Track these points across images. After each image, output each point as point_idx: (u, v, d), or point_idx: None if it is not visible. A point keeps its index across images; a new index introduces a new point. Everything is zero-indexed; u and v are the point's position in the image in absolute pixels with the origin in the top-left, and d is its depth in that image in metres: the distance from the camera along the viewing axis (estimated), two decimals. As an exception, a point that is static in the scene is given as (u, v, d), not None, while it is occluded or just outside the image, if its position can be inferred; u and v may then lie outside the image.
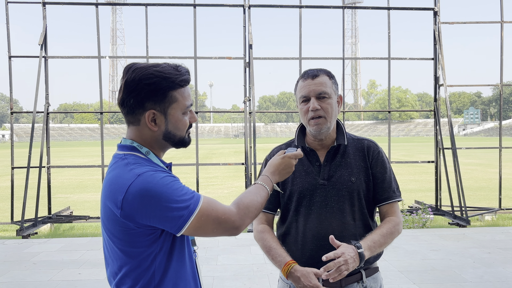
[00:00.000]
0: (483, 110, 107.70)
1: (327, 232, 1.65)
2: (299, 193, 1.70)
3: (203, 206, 1.19)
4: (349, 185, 1.67)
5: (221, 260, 5.01)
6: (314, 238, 1.67)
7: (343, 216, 1.67)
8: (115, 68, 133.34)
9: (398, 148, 37.11)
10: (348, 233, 1.66)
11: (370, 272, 1.70)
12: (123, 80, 1.24)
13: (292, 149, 1.57)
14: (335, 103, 1.69)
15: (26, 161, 7.24)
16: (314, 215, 1.68)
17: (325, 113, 1.65)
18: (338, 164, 1.71)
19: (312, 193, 1.69)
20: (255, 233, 1.77)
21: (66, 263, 4.97)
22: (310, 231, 1.67)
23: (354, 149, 1.74)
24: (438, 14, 8.32)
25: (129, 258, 1.21)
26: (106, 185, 1.22)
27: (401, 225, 1.68)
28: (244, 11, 8.10)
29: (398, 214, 1.70)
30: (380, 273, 1.78)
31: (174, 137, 1.30)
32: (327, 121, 1.66)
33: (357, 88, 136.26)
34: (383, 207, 1.71)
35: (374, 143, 1.76)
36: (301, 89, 1.69)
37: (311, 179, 1.70)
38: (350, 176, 1.68)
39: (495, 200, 9.04)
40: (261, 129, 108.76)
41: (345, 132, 1.75)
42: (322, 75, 1.68)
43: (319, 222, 1.67)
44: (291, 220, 1.73)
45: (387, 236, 1.62)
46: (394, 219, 1.67)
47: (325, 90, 1.65)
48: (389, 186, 1.71)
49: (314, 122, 1.65)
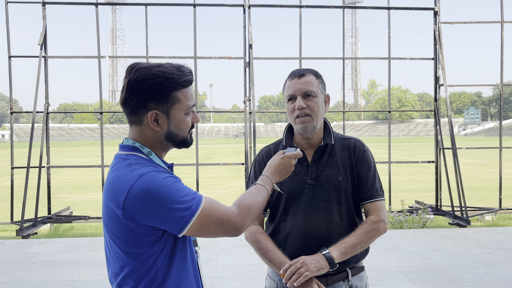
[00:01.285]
0: (483, 110, 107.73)
1: (314, 232, 1.68)
2: (288, 192, 1.72)
3: (204, 207, 1.19)
4: (336, 185, 1.69)
5: (221, 260, 5.01)
6: (301, 237, 1.69)
7: (330, 216, 1.69)
8: (115, 68, 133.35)
9: (398, 148, 37.11)
10: (335, 232, 1.68)
11: (355, 271, 1.73)
12: (126, 79, 1.24)
13: (291, 149, 1.58)
14: (321, 102, 1.71)
15: (26, 161, 7.24)
16: (302, 214, 1.70)
17: (311, 111, 1.67)
18: (325, 163, 1.73)
19: (300, 192, 1.71)
20: (248, 234, 1.77)
21: (66, 263, 4.96)
22: (297, 230, 1.69)
23: (341, 148, 1.76)
24: (438, 14, 8.31)
25: (131, 258, 1.20)
26: (108, 186, 1.22)
27: (382, 223, 1.67)
28: (244, 11, 8.09)
29: (380, 213, 1.69)
30: (366, 272, 1.80)
31: (177, 137, 1.30)
32: (313, 120, 1.68)
33: (357, 88, 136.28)
34: (366, 205, 1.73)
35: (360, 142, 1.78)
36: (288, 88, 1.72)
37: (299, 178, 1.72)
38: (337, 176, 1.70)
39: (495, 200, 9.04)
40: (261, 129, 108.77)
41: (332, 132, 1.78)
42: (309, 75, 1.70)
43: (307, 221, 1.69)
44: (280, 219, 1.75)
45: (362, 235, 1.63)
46: (373, 218, 1.68)
47: (311, 89, 1.67)
48: (372, 185, 1.72)
49: (300, 120, 1.67)
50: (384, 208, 1.72)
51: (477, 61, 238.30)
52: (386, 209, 1.76)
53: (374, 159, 1.79)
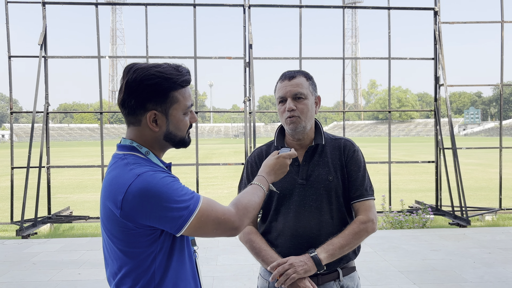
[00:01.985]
0: (484, 110, 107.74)
1: (305, 231, 1.69)
2: (280, 192, 1.74)
3: (202, 207, 1.19)
4: (327, 184, 1.71)
5: (221, 260, 5.01)
6: (292, 236, 1.70)
7: (321, 215, 1.70)
8: (115, 68, 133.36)
9: (398, 148, 37.11)
10: (325, 232, 1.69)
11: (347, 271, 1.74)
12: (123, 80, 1.24)
13: (285, 149, 1.60)
14: (311, 103, 1.73)
15: (26, 161, 7.24)
16: (293, 214, 1.71)
17: (300, 113, 1.69)
18: (316, 163, 1.74)
19: (292, 192, 1.72)
20: (241, 234, 1.77)
21: (66, 263, 4.96)
22: (289, 229, 1.71)
23: (332, 148, 1.77)
24: (438, 14, 8.31)
25: (128, 258, 1.20)
26: (105, 185, 1.22)
27: (371, 223, 1.68)
28: (244, 11, 8.10)
29: (369, 213, 1.70)
30: (357, 272, 1.81)
31: (175, 137, 1.30)
32: (302, 121, 1.70)
33: (357, 88, 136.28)
34: (355, 204, 1.74)
35: (350, 142, 1.80)
36: (278, 90, 1.74)
37: (290, 178, 1.73)
38: (327, 175, 1.72)
39: (496, 200, 9.04)
40: (261, 129, 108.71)
41: (323, 132, 1.80)
42: (299, 77, 1.72)
43: (298, 221, 1.70)
44: (271, 219, 1.77)
45: (350, 236, 1.65)
46: (361, 218, 1.69)
47: (301, 91, 1.69)
48: (362, 184, 1.73)
49: (289, 121, 1.70)
50: (373, 207, 1.73)
51: (477, 61, 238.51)
52: (376, 208, 1.77)
53: (364, 159, 1.81)
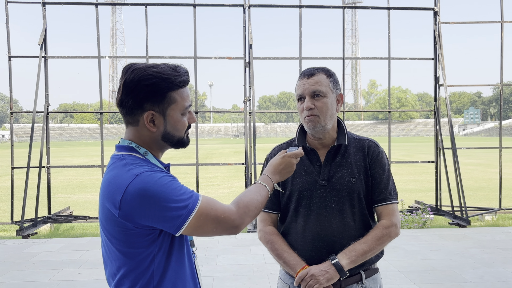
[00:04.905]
0: (483, 110, 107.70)
1: (326, 233, 1.65)
2: (299, 193, 1.69)
3: (202, 205, 1.19)
4: (349, 186, 1.66)
5: (221, 260, 5.01)
6: (313, 239, 1.66)
7: (343, 217, 1.65)
8: (115, 68, 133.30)
9: (398, 148, 37.10)
10: (348, 235, 1.65)
11: (369, 273, 1.69)
12: (122, 80, 1.24)
13: (293, 148, 1.56)
14: (331, 101, 1.67)
15: (26, 161, 7.24)
16: (314, 216, 1.66)
17: (319, 112, 1.64)
18: (338, 164, 1.69)
19: (312, 193, 1.67)
20: (263, 234, 1.75)
21: (66, 263, 4.96)
22: (310, 232, 1.66)
23: (355, 149, 1.72)
24: (438, 14, 8.31)
25: (127, 258, 1.20)
26: (104, 186, 1.22)
27: (394, 227, 1.64)
28: (244, 11, 8.09)
29: (392, 217, 1.66)
30: (380, 273, 1.77)
31: (173, 138, 1.30)
32: (320, 120, 1.65)
33: (357, 88, 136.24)
34: (378, 208, 1.69)
35: (375, 143, 1.75)
36: (297, 88, 1.70)
37: (311, 179, 1.69)
38: (350, 177, 1.66)
39: (495, 200, 9.04)
40: (261, 129, 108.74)
41: (346, 132, 1.74)
42: (319, 74, 1.67)
43: (319, 223, 1.66)
44: (290, 220, 1.72)
45: (373, 242, 1.61)
46: (384, 223, 1.65)
47: (320, 89, 1.64)
48: (386, 187, 1.68)
49: (308, 120, 1.66)
50: (396, 211, 1.68)
51: (477, 61, 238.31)
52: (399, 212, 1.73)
53: (389, 161, 1.76)
